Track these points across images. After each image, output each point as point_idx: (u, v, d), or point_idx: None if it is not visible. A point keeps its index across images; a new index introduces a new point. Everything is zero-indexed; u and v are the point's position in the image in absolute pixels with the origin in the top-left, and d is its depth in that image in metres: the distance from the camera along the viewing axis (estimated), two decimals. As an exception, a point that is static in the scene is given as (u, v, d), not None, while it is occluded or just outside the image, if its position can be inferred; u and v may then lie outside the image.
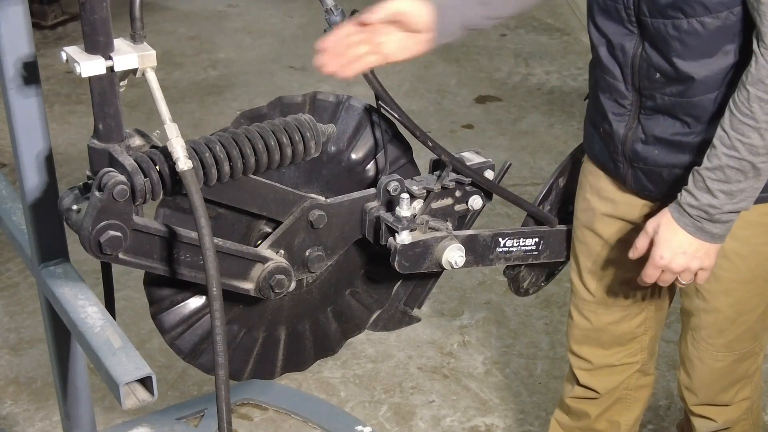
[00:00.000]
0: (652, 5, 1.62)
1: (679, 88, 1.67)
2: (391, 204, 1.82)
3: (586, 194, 1.96)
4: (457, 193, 1.90)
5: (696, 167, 1.64)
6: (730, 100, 1.59)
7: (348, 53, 1.70)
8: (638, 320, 2.04)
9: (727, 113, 1.59)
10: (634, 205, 1.88)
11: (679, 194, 1.68)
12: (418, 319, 2.11)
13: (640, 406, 2.19)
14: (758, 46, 1.53)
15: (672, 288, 2.06)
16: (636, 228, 1.89)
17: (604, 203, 1.92)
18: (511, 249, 1.98)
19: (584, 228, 1.97)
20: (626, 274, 1.96)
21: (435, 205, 1.88)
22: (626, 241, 1.91)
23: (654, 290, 2.02)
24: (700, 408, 2.04)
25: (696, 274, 1.72)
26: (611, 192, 1.90)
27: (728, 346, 1.92)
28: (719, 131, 1.60)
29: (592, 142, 1.90)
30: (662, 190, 1.79)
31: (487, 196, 1.94)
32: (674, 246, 1.69)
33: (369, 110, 1.85)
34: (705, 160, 1.62)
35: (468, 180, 1.88)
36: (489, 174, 1.93)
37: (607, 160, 1.86)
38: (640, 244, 1.75)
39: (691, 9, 1.58)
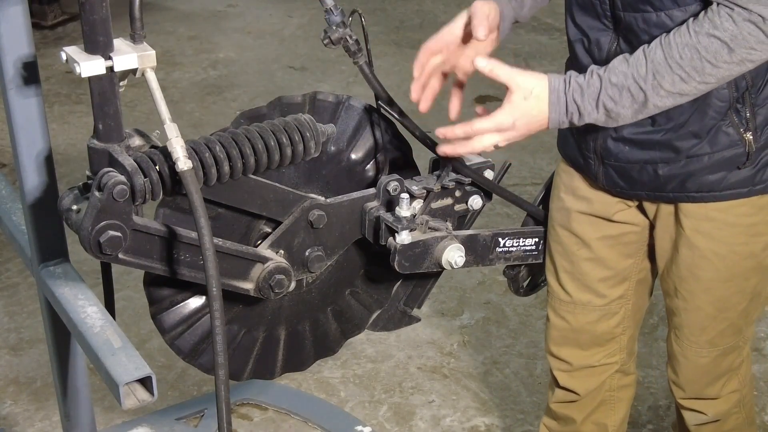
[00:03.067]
0: None
1: None
2: (390, 204, 1.82)
3: (560, 193, 1.96)
4: (457, 193, 1.90)
5: (598, 70, 1.60)
6: (664, 35, 1.56)
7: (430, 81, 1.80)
8: (616, 320, 2.04)
9: (656, 45, 1.56)
10: (608, 203, 1.89)
11: (564, 79, 1.62)
12: (418, 319, 2.11)
13: (624, 406, 2.19)
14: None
15: (650, 287, 2.07)
16: (611, 225, 1.90)
17: (578, 201, 1.92)
18: (511, 249, 1.98)
19: (560, 227, 1.97)
20: (603, 272, 1.97)
21: (435, 205, 1.88)
22: (602, 239, 1.93)
23: (631, 288, 2.02)
24: (689, 402, 2.05)
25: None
26: (585, 190, 1.90)
27: (711, 342, 1.93)
28: (639, 54, 1.57)
29: (565, 141, 1.92)
30: (633, 186, 1.80)
31: (487, 196, 1.94)
32: (530, 123, 1.65)
33: (369, 110, 1.85)
34: (610, 73, 1.59)
35: (468, 180, 1.88)
36: (489, 174, 1.93)
37: (578, 158, 1.87)
38: (498, 73, 1.64)
39: (659, 2, 1.58)
